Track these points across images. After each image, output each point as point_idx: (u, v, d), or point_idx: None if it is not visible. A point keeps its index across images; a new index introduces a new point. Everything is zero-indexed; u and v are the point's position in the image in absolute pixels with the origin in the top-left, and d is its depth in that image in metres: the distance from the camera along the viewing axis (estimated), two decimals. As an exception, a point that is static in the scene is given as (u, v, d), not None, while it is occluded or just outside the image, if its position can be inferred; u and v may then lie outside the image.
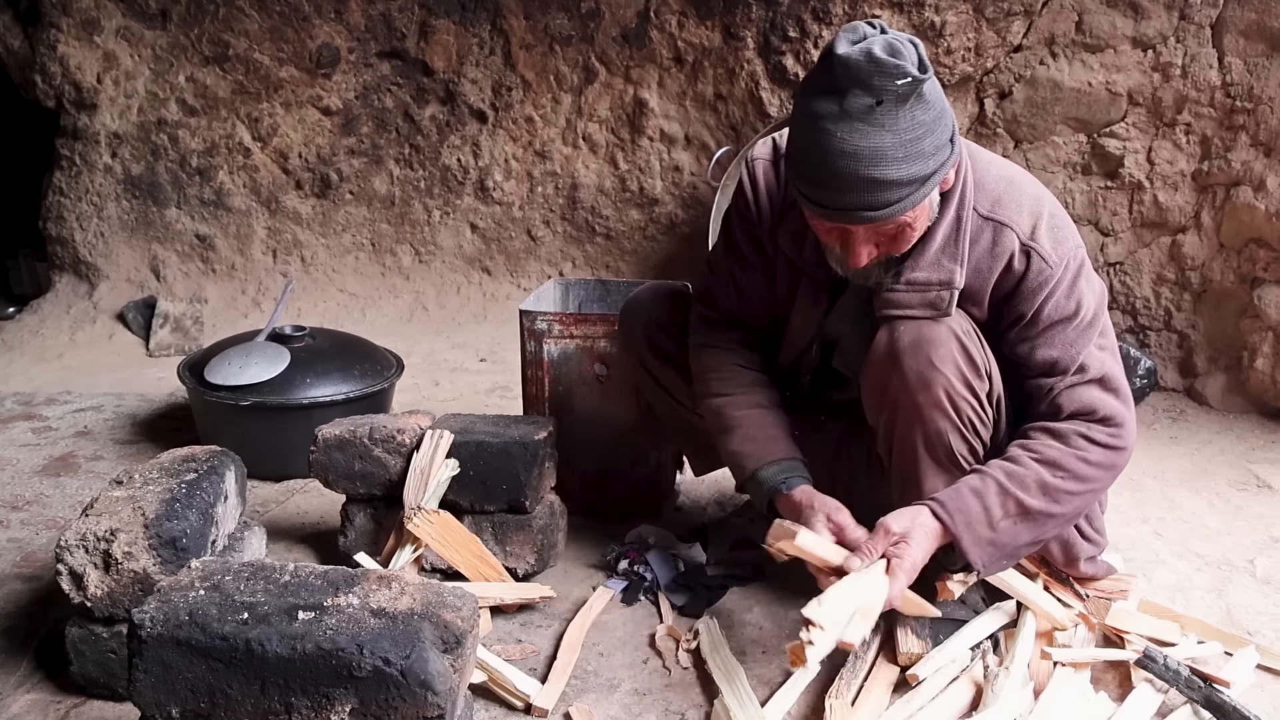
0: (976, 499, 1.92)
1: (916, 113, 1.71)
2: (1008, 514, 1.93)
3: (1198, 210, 3.97)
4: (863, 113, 1.69)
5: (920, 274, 1.93)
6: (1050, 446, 1.95)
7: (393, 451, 2.37)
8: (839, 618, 1.72)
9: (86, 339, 4.92)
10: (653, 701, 1.96)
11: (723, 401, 2.21)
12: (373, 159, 5.16)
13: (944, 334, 1.93)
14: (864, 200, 1.75)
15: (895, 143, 1.71)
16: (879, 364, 1.99)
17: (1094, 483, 1.98)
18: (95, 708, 1.91)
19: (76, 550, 1.85)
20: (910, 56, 1.70)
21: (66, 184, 5.16)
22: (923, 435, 1.99)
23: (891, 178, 1.72)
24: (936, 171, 1.78)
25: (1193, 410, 3.88)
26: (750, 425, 2.18)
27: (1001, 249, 1.93)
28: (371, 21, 4.97)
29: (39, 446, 3.43)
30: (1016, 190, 1.97)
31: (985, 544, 1.93)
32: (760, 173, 2.13)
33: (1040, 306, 1.94)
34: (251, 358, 3.13)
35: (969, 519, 1.92)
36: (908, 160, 1.72)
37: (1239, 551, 2.63)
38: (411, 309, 5.16)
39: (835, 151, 1.72)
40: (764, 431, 2.16)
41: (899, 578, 1.85)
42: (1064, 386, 1.97)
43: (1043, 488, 1.93)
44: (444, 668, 1.47)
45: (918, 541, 1.89)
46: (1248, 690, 1.97)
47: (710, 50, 4.72)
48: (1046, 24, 4.11)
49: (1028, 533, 1.96)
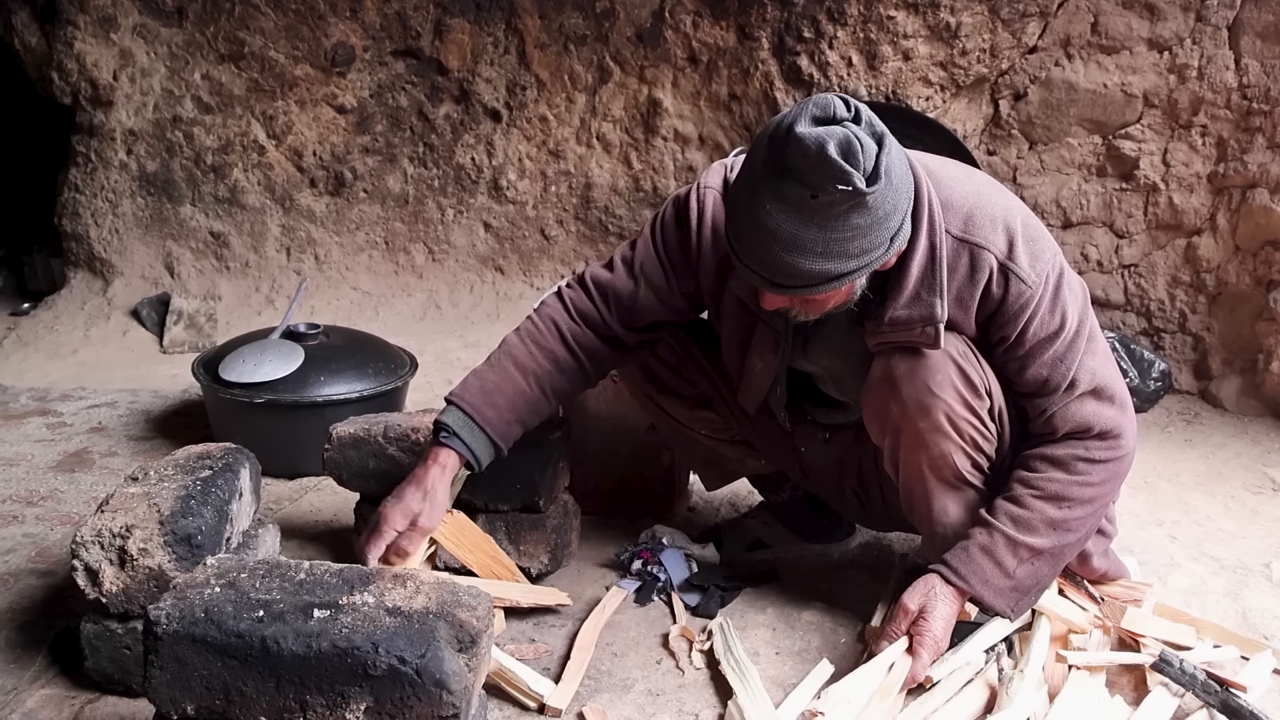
0: (987, 556, 1.94)
1: (853, 216, 1.65)
2: (1021, 561, 1.94)
3: (1213, 212, 3.96)
4: (796, 199, 1.64)
5: (902, 312, 1.90)
6: (1052, 480, 1.94)
7: (407, 450, 2.37)
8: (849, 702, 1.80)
9: (101, 335, 4.93)
10: (666, 702, 1.96)
11: (512, 342, 2.21)
12: (387, 157, 5.17)
13: (940, 359, 1.92)
14: (772, 275, 1.73)
15: (819, 238, 1.66)
16: (877, 392, 1.99)
17: (1101, 500, 1.98)
18: (110, 704, 1.92)
19: (92, 546, 1.86)
20: (865, 162, 1.62)
21: (82, 181, 5.18)
22: (927, 459, 1.99)
23: (804, 268, 1.69)
24: (859, 269, 1.73)
25: (1207, 413, 3.86)
26: (495, 377, 2.16)
27: (980, 274, 1.89)
28: (386, 20, 4.97)
29: (54, 442, 3.44)
30: (986, 203, 1.92)
31: (1008, 593, 1.95)
32: (710, 204, 2.09)
33: (1024, 328, 1.91)
34: (266, 355, 3.13)
35: (984, 577, 1.94)
36: (826, 256, 1.68)
37: (1255, 555, 2.62)
38: (425, 307, 5.17)
39: (759, 222, 1.68)
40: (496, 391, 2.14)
41: (923, 656, 1.89)
42: (1057, 406, 1.95)
43: (1051, 525, 1.94)
44: (459, 667, 1.47)
45: (938, 614, 1.92)
46: (1264, 695, 1.96)
47: (725, 50, 4.71)
48: (1062, 25, 4.10)
49: (1047, 567, 1.98)
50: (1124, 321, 4.19)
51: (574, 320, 2.20)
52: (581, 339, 2.19)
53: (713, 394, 2.38)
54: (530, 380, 2.16)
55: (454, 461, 2.11)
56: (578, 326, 2.20)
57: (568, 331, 2.19)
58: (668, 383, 2.38)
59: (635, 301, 2.18)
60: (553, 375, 2.18)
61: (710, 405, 2.39)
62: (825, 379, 2.21)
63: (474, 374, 2.19)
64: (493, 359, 2.20)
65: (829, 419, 2.31)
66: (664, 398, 2.40)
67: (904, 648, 1.92)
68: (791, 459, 2.40)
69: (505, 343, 2.22)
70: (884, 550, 2.61)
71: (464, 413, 2.12)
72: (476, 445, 2.12)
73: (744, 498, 2.92)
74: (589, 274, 2.24)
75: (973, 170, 2.03)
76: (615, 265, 2.22)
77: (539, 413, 2.20)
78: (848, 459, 2.33)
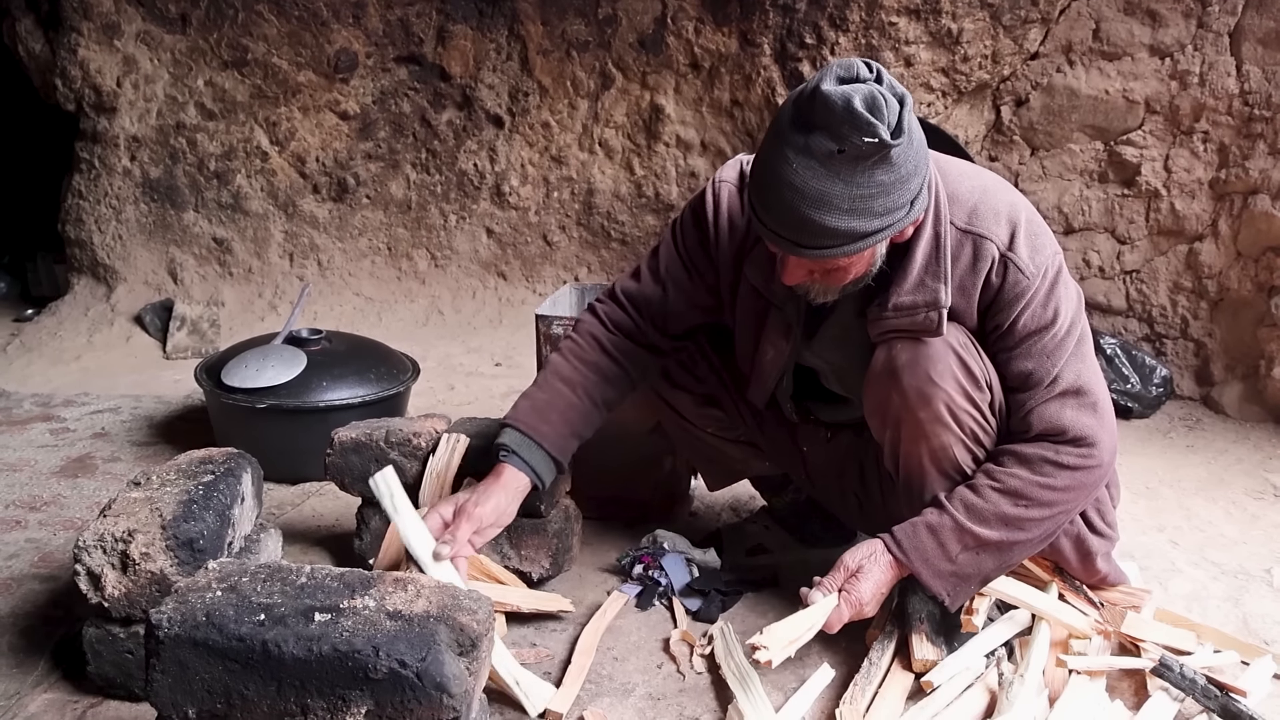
0: (931, 535, 1.96)
1: (877, 172, 1.68)
2: (966, 547, 1.95)
3: (1215, 218, 3.96)
4: (822, 156, 1.67)
5: (906, 298, 1.92)
6: (1013, 475, 1.94)
7: (409, 455, 2.38)
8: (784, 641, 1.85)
9: (104, 341, 4.94)
10: (667, 706, 1.96)
11: (556, 361, 2.25)
12: (389, 163, 5.18)
13: (941, 349, 1.92)
14: (798, 236, 1.75)
15: (844, 194, 1.68)
16: (879, 382, 2.00)
17: (1062, 505, 1.97)
18: (112, 708, 1.92)
19: (94, 551, 1.86)
20: (889, 116, 1.66)
21: (85, 187, 5.19)
22: (927, 450, 1.99)
23: (829, 225, 1.70)
24: (882, 230, 1.75)
25: (1209, 419, 3.86)
26: (546, 395, 2.20)
27: (982, 262, 1.91)
28: (389, 26, 4.99)
29: (57, 448, 3.45)
30: (991, 198, 1.95)
31: (946, 576, 1.96)
32: (725, 196, 2.13)
33: (1017, 317, 1.92)
34: (268, 361, 3.14)
35: (925, 555, 1.96)
36: (852, 214, 1.70)
37: (1256, 560, 2.62)
38: (427, 313, 5.17)
39: (784, 181, 1.70)
40: (548, 409, 2.18)
41: (843, 610, 1.93)
42: (1036, 403, 1.95)
43: (1003, 520, 1.94)
44: (459, 670, 1.48)
45: (870, 576, 1.96)
46: (1264, 700, 1.96)
47: (727, 57, 4.72)
48: (1064, 31, 4.11)
49: (992, 560, 1.98)
50: (1126, 327, 4.19)
51: (611, 332, 2.25)
52: (621, 347, 2.25)
53: (721, 392, 2.40)
54: (579, 393, 2.20)
55: (514, 477, 2.11)
56: (616, 337, 2.25)
57: (607, 342, 2.24)
58: (678, 379, 2.40)
59: (665, 307, 2.23)
60: (600, 385, 2.22)
61: (718, 403, 2.41)
62: (829, 374, 2.22)
63: (523, 396, 2.22)
64: (539, 380, 2.24)
65: (832, 416, 2.32)
66: (674, 394, 2.42)
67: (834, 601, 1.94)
68: (795, 460, 2.41)
69: (549, 363, 2.26)
70: (885, 555, 2.60)
71: (519, 431, 2.14)
72: (536, 461, 2.13)
73: (745, 502, 2.92)
74: (618, 286, 2.29)
75: (981, 168, 2.05)
76: (641, 274, 2.27)
77: (592, 424, 2.23)
78: (849, 459, 2.33)
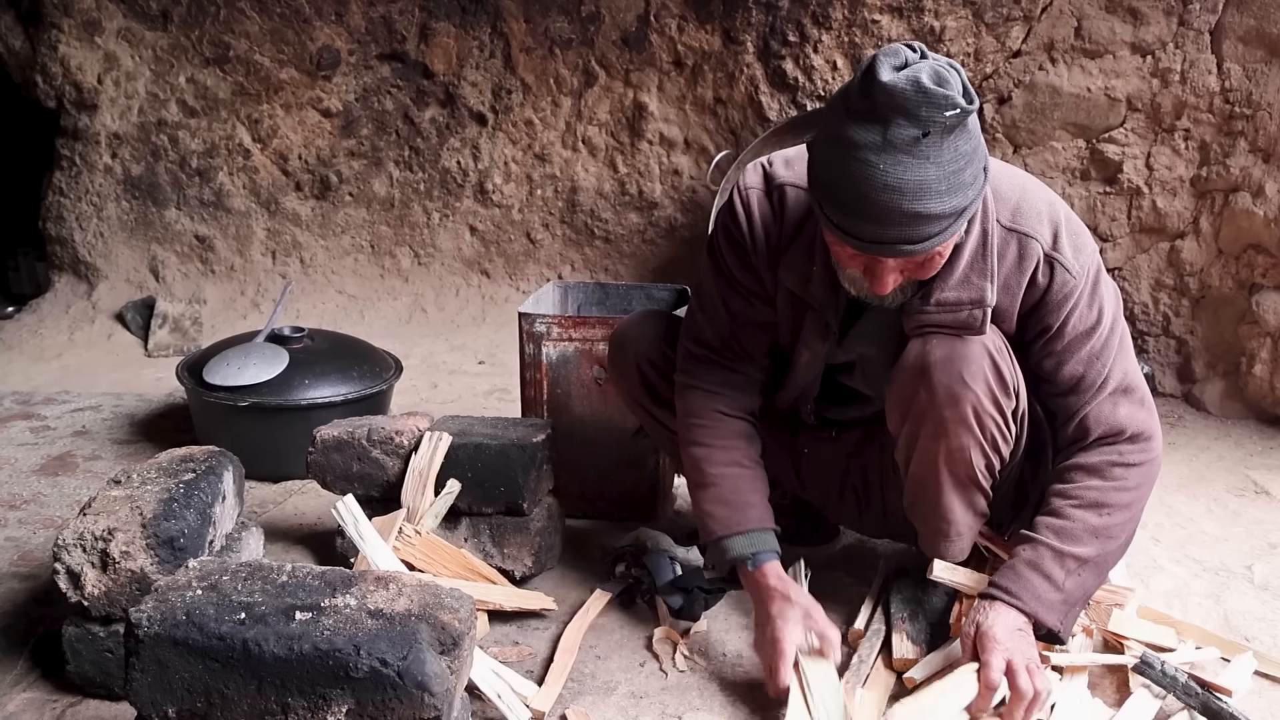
0: (1033, 570, 1.92)
1: (959, 143, 1.66)
2: (1069, 572, 1.92)
3: (1196, 216, 3.97)
4: (907, 144, 1.63)
5: (950, 294, 1.89)
6: (1089, 488, 1.94)
7: (391, 453, 2.37)
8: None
9: (85, 339, 4.91)
10: (649, 704, 1.96)
11: (702, 453, 2.16)
12: (372, 161, 5.16)
13: (977, 350, 1.90)
14: (903, 234, 1.70)
15: (939, 175, 1.65)
16: (908, 375, 1.96)
17: (1139, 503, 1.99)
18: (91, 707, 1.92)
19: (74, 549, 1.85)
20: (956, 85, 1.64)
21: (66, 184, 5.16)
22: (945, 450, 1.97)
23: (934, 211, 1.67)
24: (974, 201, 1.73)
25: (1191, 416, 3.87)
26: (725, 486, 2.13)
27: (1027, 262, 1.90)
28: (372, 24, 4.97)
29: (37, 446, 3.43)
30: (1032, 197, 1.94)
31: (1058, 606, 1.92)
32: (755, 203, 2.05)
33: (1066, 319, 1.92)
34: (250, 359, 3.12)
35: (1036, 592, 1.91)
36: (950, 193, 1.67)
37: (1237, 557, 2.63)
38: (410, 311, 5.16)
39: (878, 185, 1.64)
40: (737, 496, 2.12)
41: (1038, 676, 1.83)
42: (1091, 406, 1.95)
43: (1093, 533, 1.92)
44: (441, 669, 1.47)
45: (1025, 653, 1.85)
46: (1245, 696, 1.97)
47: (710, 54, 4.72)
48: (1046, 29, 4.12)
49: (1093, 577, 1.96)
50: (1108, 325, 4.20)
51: (710, 392, 2.17)
52: (734, 400, 2.18)
53: None
54: (741, 463, 2.15)
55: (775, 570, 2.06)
56: (718, 394, 2.17)
57: (721, 405, 2.17)
58: (664, 396, 2.31)
59: (736, 335, 2.16)
60: (747, 447, 2.17)
61: None
62: (856, 369, 2.18)
63: (707, 505, 2.14)
64: (704, 483, 2.15)
65: (841, 415, 2.30)
66: (658, 407, 2.35)
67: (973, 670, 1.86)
68: (788, 465, 2.38)
69: (695, 460, 2.16)
70: (867, 553, 2.61)
71: (738, 535, 2.09)
72: (770, 544, 2.09)
73: (729, 500, 2.92)
74: (682, 348, 2.22)
75: (1014, 167, 2.05)
76: (696, 322, 2.20)
77: (767, 479, 2.18)
78: (852, 456, 2.31)
